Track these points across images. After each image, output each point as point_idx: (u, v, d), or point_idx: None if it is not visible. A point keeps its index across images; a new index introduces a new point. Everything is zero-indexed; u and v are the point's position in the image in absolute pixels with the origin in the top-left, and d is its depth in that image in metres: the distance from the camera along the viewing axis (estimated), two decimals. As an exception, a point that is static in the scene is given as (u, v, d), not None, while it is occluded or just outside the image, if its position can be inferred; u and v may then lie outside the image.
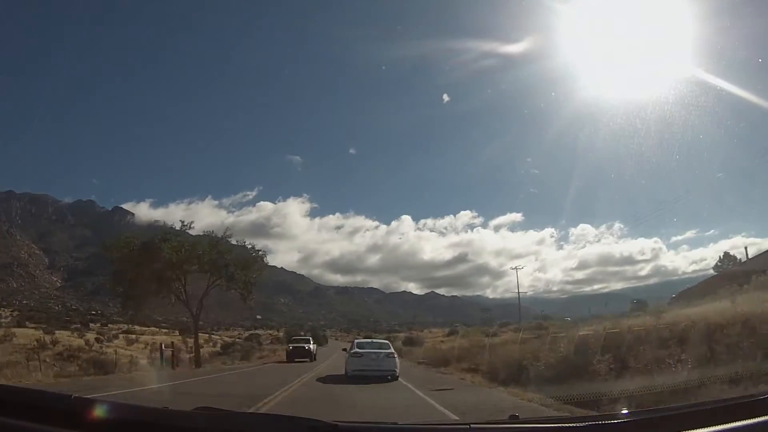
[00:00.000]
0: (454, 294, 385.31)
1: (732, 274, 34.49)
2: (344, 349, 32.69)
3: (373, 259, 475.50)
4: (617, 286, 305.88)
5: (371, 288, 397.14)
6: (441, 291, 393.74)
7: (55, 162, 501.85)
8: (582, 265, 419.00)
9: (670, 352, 15.42)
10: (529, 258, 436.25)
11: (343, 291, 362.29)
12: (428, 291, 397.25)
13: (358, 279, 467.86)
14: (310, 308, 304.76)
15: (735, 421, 3.01)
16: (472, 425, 3.30)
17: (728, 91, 24.48)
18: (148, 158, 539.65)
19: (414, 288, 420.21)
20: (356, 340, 30.17)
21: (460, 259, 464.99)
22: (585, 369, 17.03)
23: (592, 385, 15.57)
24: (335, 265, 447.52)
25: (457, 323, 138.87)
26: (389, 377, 23.93)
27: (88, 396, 5.08)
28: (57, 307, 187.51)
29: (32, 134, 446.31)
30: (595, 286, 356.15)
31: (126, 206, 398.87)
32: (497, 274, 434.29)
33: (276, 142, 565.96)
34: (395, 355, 26.23)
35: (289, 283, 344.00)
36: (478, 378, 24.86)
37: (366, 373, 23.86)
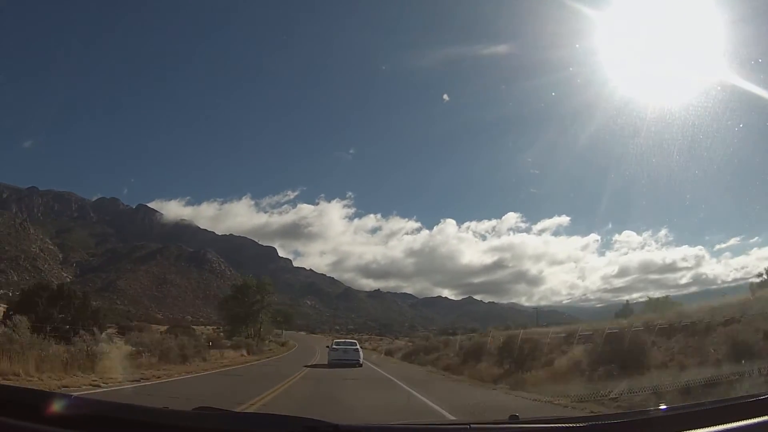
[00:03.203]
0: (492, 300, 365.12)
1: None
2: (327, 346, 44.38)
3: (408, 264, 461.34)
4: (655, 294, 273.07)
5: (404, 293, 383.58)
6: (477, 297, 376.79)
7: (84, 160, 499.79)
8: (622, 273, 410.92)
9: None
10: (569, 264, 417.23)
11: (374, 294, 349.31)
12: (465, 296, 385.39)
13: (391, 284, 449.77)
14: (338, 311, 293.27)
15: (735, 421, 3.05)
16: (472, 425, 3.36)
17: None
18: (182, 156, 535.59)
19: (448, 294, 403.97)
20: (334, 340, 45.86)
21: (499, 264, 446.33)
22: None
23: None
24: (367, 270, 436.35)
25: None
26: (356, 364, 35.97)
27: (89, 396, 5.79)
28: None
29: (61, 133, 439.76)
30: (634, 295, 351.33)
31: (153, 204, 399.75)
32: (534, 281, 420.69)
33: (323, 139, 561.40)
34: (359, 350, 39.58)
35: (318, 285, 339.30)
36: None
37: (340, 361, 35.58)
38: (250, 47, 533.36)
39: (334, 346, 39.18)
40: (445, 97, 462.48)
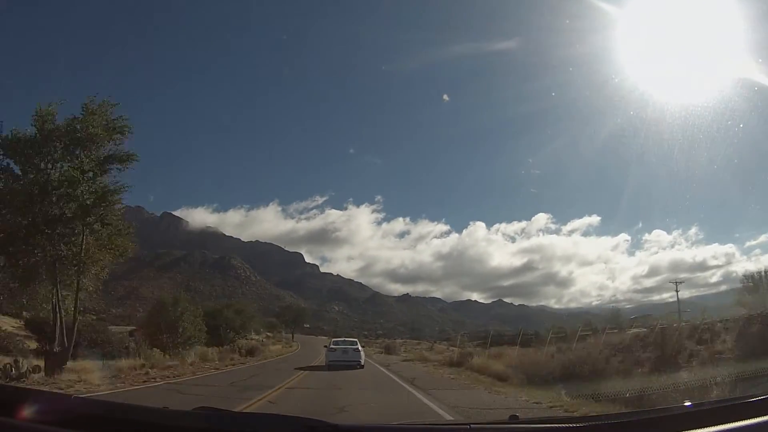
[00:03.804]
0: (522, 303, 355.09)
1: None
2: (325, 346, 42.03)
3: (437, 268, 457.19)
4: (685, 294, 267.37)
5: (433, 297, 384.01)
6: (508, 300, 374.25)
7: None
8: (652, 272, 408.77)
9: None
10: (599, 265, 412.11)
11: (403, 299, 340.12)
12: (495, 299, 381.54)
13: (419, 289, 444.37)
14: (366, 316, 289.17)
15: (735, 421, 3.04)
16: (472, 425, 3.37)
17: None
18: (210, 164, 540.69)
19: (477, 298, 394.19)
20: (332, 340, 43.04)
21: (528, 266, 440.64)
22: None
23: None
24: (395, 274, 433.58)
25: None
26: (357, 366, 32.72)
27: (88, 396, 6.25)
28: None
29: None
30: (664, 295, 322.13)
31: (178, 213, 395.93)
32: (564, 283, 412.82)
33: (352, 144, 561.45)
34: (360, 350, 35.80)
35: (345, 290, 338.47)
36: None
37: (340, 363, 32.50)
38: (276, 52, 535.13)
39: (332, 346, 36.66)
40: (470, 96, 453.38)
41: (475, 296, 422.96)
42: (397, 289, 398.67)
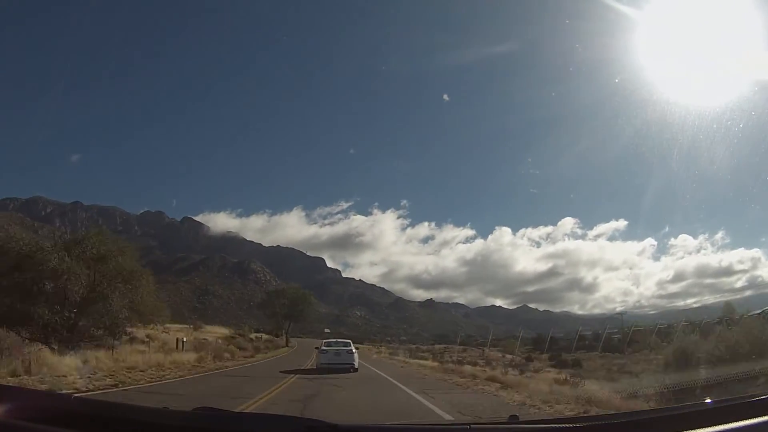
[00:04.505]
0: (546, 309, 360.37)
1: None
2: (316, 347, 37.46)
3: (461, 273, 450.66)
4: (709, 299, 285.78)
5: (456, 303, 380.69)
6: (532, 305, 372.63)
7: (131, 175, 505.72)
8: (677, 278, 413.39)
9: None
10: (624, 270, 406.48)
11: (427, 304, 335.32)
12: (520, 305, 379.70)
13: (442, 294, 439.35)
14: (389, 321, 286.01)
15: (735, 421, 3.06)
16: (471, 425, 3.37)
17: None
18: (234, 169, 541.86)
19: (501, 303, 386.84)
20: (324, 341, 37.64)
21: (553, 272, 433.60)
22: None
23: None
24: (418, 280, 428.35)
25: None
26: (350, 369, 30.19)
27: (88, 396, 6.05)
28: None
29: (109, 147, 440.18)
30: (688, 300, 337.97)
31: (199, 218, 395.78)
32: (588, 289, 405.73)
33: (379, 148, 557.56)
34: (354, 351, 32.73)
35: (367, 295, 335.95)
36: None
37: (331, 366, 30.02)
38: (302, 58, 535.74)
39: (324, 347, 33.68)
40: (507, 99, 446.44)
41: (498, 302, 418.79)
42: (420, 294, 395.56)
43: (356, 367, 31.35)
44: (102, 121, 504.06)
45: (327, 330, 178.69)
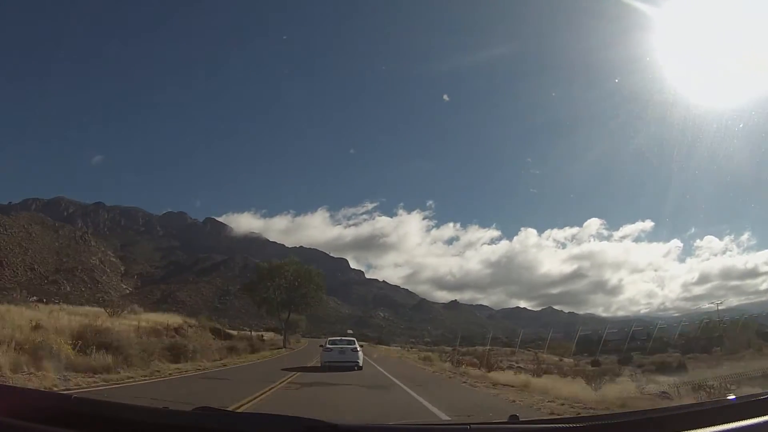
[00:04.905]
0: (571, 311, 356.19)
1: None
2: (321, 345, 36.35)
3: (485, 275, 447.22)
4: (734, 301, 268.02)
5: (480, 305, 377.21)
6: (557, 307, 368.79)
7: (154, 175, 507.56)
8: (702, 280, 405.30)
9: None
10: (649, 272, 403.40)
11: (451, 306, 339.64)
12: (545, 307, 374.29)
13: (466, 296, 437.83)
14: (413, 323, 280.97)
15: (735, 421, 3.07)
16: (471, 425, 3.37)
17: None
18: (259, 169, 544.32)
19: (524, 305, 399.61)
20: (328, 338, 37.48)
21: (578, 273, 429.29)
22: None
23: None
24: (442, 282, 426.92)
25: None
26: (354, 367, 30.48)
27: (88, 396, 5.25)
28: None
29: (132, 148, 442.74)
30: (713, 303, 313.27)
31: (222, 218, 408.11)
32: (613, 291, 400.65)
33: (406, 148, 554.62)
34: (358, 349, 33.17)
35: (391, 297, 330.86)
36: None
37: (335, 364, 30.01)
38: (334, 59, 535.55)
39: (329, 346, 33.17)
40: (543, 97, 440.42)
41: (522, 304, 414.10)
42: (444, 296, 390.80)
43: (360, 365, 31.78)
44: (125, 121, 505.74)
45: (350, 331, 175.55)
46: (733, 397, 3.93)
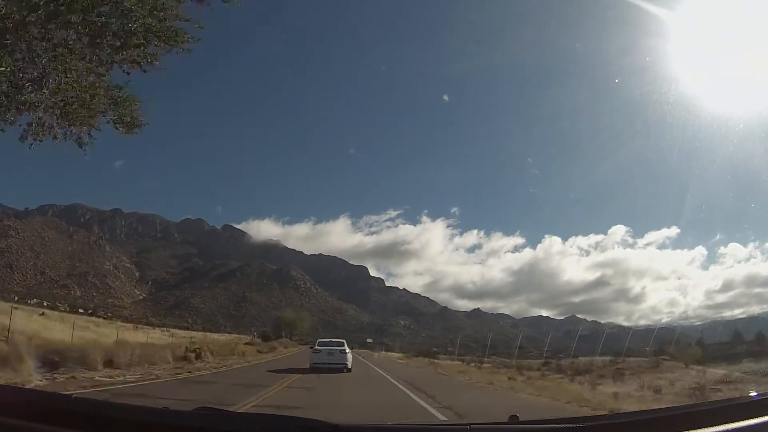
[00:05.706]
0: (594, 319, 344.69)
1: None
2: (310, 347, 37.71)
3: (507, 283, 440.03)
4: (756, 309, 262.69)
5: (501, 313, 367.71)
6: (580, 316, 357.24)
7: (171, 183, 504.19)
8: (726, 287, 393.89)
9: None
10: (673, 280, 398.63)
11: (473, 314, 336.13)
12: (568, 315, 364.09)
13: (487, 305, 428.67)
14: (434, 331, 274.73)
15: (735, 421, 3.08)
16: (471, 425, 3.37)
17: None
18: (281, 176, 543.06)
19: (546, 314, 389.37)
20: (318, 340, 36.00)
21: (601, 281, 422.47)
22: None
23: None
24: (463, 290, 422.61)
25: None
26: (343, 369, 30.41)
27: (88, 396, 5.66)
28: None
29: (152, 155, 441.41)
30: (736, 311, 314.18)
31: (241, 226, 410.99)
32: (635, 299, 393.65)
33: (431, 155, 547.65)
34: (347, 351, 32.64)
35: (412, 305, 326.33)
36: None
37: (324, 366, 29.86)
38: (366, 65, 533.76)
39: (318, 347, 32.96)
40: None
41: (543, 312, 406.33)
42: (464, 305, 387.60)
43: (349, 367, 31.79)
44: (146, 125, 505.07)
45: (369, 340, 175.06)
46: (734, 397, 3.91)
